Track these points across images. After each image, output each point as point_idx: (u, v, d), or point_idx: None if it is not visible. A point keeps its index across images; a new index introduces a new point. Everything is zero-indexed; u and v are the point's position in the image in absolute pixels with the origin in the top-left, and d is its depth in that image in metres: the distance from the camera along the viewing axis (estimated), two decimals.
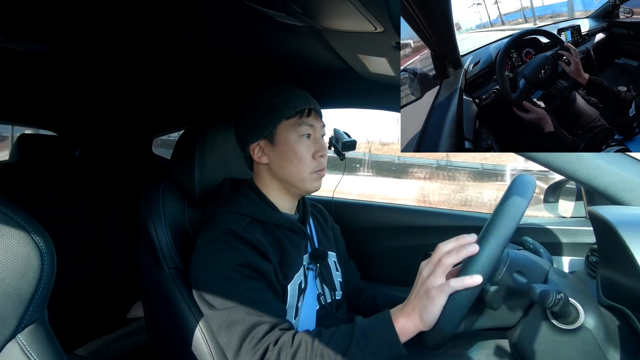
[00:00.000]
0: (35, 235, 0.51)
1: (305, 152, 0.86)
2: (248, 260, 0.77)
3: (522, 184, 0.67)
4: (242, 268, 0.76)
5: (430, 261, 0.67)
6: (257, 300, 0.75)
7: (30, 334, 0.51)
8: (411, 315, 0.66)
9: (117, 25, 0.82)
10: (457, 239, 0.65)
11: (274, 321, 0.73)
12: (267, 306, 0.75)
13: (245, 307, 0.74)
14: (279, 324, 0.73)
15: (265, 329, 0.72)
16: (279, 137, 0.87)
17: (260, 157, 0.89)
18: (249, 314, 0.73)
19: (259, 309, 0.74)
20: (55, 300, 0.61)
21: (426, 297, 0.64)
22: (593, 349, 0.63)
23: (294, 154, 0.86)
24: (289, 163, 0.86)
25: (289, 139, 0.86)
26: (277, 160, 0.87)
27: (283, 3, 0.62)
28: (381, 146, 10.45)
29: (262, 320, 0.72)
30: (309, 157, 0.87)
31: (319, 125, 0.90)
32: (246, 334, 0.72)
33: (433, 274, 0.65)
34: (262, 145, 0.88)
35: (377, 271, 1.32)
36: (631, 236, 0.58)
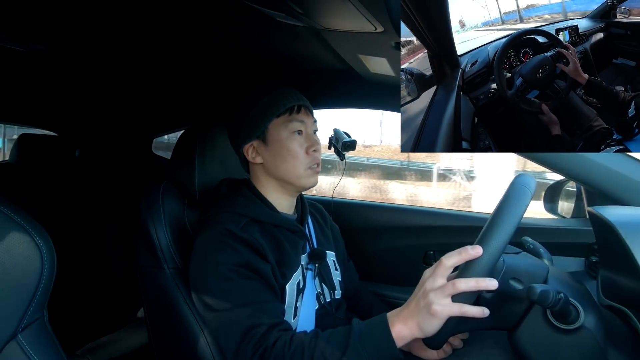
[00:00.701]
0: (35, 235, 0.51)
1: (298, 148, 0.87)
2: (245, 261, 0.77)
3: (522, 184, 0.66)
4: (239, 268, 0.76)
5: (432, 268, 0.67)
6: (255, 300, 0.74)
7: (30, 334, 0.51)
8: (408, 322, 0.66)
9: (117, 25, 0.82)
10: (460, 251, 0.64)
11: (271, 322, 0.73)
12: (265, 306, 0.75)
13: (243, 308, 0.73)
14: (277, 324, 0.73)
15: (262, 330, 0.71)
16: (271, 135, 0.87)
17: (254, 158, 0.89)
18: (247, 315, 0.73)
19: (257, 309, 0.73)
20: (55, 300, 0.61)
21: (426, 309, 0.63)
22: (593, 349, 0.63)
23: (287, 151, 0.86)
24: (283, 161, 0.86)
25: (281, 136, 0.86)
26: (271, 159, 0.87)
27: (283, 3, 0.62)
28: (363, 148, 10.38)
29: (259, 322, 0.72)
30: (303, 153, 0.87)
31: (310, 121, 0.90)
32: (244, 335, 0.71)
33: (433, 275, 0.65)
34: (256, 146, 0.89)
35: (377, 271, 1.31)
36: (631, 236, 0.58)
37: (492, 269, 0.63)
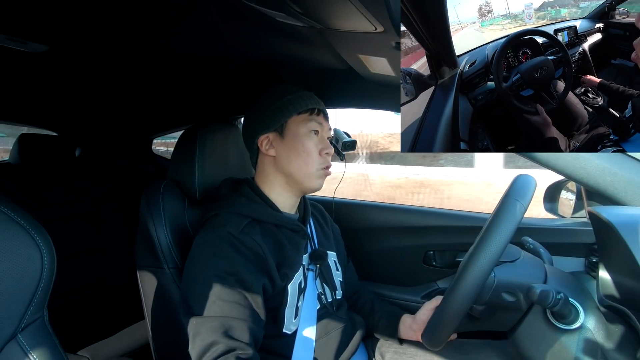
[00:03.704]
0: (35, 235, 0.51)
1: (313, 147, 0.88)
2: (235, 269, 0.76)
3: (521, 186, 0.66)
4: (228, 276, 0.75)
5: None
6: (227, 315, 0.73)
7: (30, 333, 0.52)
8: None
9: (117, 25, 0.82)
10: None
11: (232, 345, 0.70)
12: (234, 324, 0.73)
13: (213, 321, 0.72)
14: (238, 348, 0.70)
15: (220, 351, 0.69)
16: (289, 130, 0.88)
17: (267, 150, 0.90)
18: (213, 330, 0.71)
19: (224, 326, 0.72)
20: (55, 300, 0.62)
21: None
22: (593, 349, 0.63)
23: (302, 147, 0.87)
24: (297, 156, 0.87)
25: (299, 132, 0.88)
26: (285, 153, 0.88)
27: (283, 3, 0.62)
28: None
29: (220, 341, 0.70)
30: (316, 152, 0.88)
31: (327, 126, 0.93)
32: (204, 351, 0.70)
33: None
34: (271, 138, 0.90)
35: (377, 271, 1.31)
36: (631, 236, 0.58)
37: (480, 287, 0.63)
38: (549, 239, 1.09)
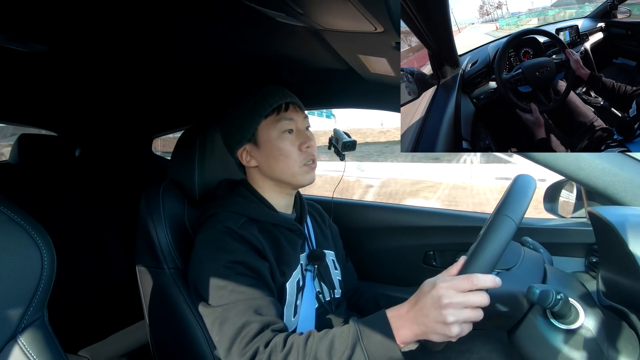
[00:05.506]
0: (35, 235, 0.51)
1: (290, 147, 0.86)
2: (242, 259, 0.77)
3: (521, 187, 0.66)
4: (236, 265, 0.76)
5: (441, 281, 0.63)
6: (250, 297, 0.74)
7: (30, 334, 0.51)
8: (414, 329, 0.63)
9: (117, 25, 0.82)
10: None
11: (265, 321, 0.72)
12: (260, 302, 0.74)
13: (238, 305, 0.73)
14: (271, 324, 0.72)
15: (255, 329, 0.70)
16: (262, 137, 0.87)
17: (249, 161, 0.89)
18: (241, 313, 0.72)
19: (251, 306, 0.73)
20: (55, 301, 0.61)
21: (441, 323, 0.60)
22: (593, 349, 0.63)
23: (278, 151, 0.86)
24: (276, 161, 0.86)
25: (271, 137, 0.86)
26: (265, 160, 0.87)
27: (283, 3, 0.62)
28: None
29: (253, 320, 0.71)
30: (295, 151, 0.86)
31: (300, 117, 0.90)
32: (237, 334, 0.71)
33: (448, 288, 0.61)
34: (248, 149, 0.89)
35: (377, 271, 1.31)
36: (631, 236, 0.58)
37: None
38: (549, 239, 1.09)
